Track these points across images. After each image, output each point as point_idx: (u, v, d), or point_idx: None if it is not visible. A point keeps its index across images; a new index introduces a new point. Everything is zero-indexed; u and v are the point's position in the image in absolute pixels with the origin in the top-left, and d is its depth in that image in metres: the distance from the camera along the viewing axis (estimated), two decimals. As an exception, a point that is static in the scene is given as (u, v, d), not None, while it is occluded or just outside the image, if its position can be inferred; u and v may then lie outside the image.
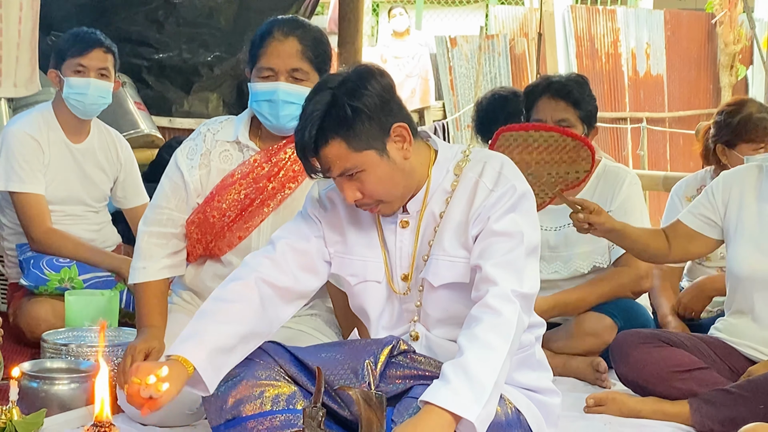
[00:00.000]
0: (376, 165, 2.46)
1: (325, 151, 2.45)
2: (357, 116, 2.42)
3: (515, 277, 2.41)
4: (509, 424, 2.48)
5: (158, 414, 2.92)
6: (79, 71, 4.03)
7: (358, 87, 2.45)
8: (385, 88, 2.48)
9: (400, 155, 2.49)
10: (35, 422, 2.52)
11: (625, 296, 3.83)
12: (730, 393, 3.10)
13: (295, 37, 3.05)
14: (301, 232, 2.65)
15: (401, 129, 2.49)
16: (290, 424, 2.43)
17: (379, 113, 2.45)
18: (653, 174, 7.31)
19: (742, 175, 3.45)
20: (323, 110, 2.44)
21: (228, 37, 6.67)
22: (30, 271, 3.97)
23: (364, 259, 2.63)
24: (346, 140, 2.43)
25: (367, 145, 2.44)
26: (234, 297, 2.54)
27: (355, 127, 2.42)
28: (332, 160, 2.45)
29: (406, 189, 2.54)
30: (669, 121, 12.16)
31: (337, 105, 2.43)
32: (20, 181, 4.01)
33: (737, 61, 12.71)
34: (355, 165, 2.45)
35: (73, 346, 3.27)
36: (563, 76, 3.94)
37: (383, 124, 2.46)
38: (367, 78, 2.47)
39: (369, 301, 2.65)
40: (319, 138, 2.44)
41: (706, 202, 3.45)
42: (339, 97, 2.43)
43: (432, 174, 2.57)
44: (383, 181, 2.48)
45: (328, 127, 2.43)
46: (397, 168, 2.49)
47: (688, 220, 3.47)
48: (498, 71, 11.32)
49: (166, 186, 3.19)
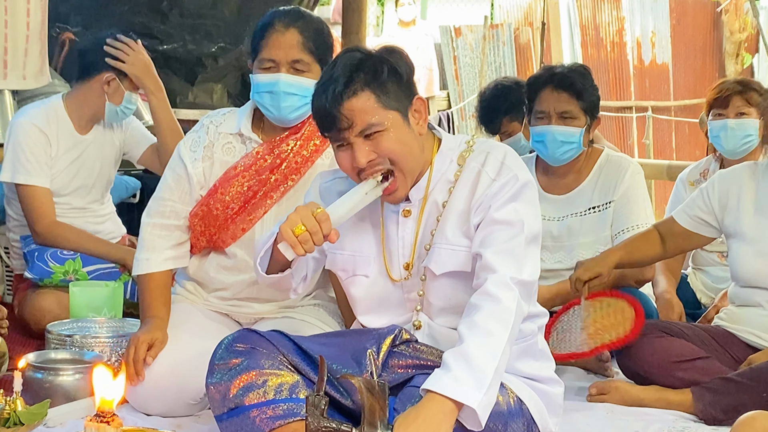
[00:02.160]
0: (398, 127, 2.48)
1: (352, 103, 2.44)
2: (391, 75, 2.47)
3: (515, 265, 2.42)
4: (511, 414, 2.48)
5: (162, 403, 2.95)
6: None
7: (393, 54, 2.52)
8: (410, 66, 2.55)
9: (417, 128, 2.53)
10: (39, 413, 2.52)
11: (628, 285, 3.83)
12: (732, 381, 3.11)
13: (296, 29, 3.05)
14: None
15: (420, 103, 2.55)
16: (293, 413, 2.43)
17: (408, 81, 2.51)
18: (657, 163, 7.30)
19: (737, 175, 3.45)
20: (355, 64, 2.46)
21: (232, 28, 6.67)
22: (34, 263, 3.98)
23: (354, 254, 2.65)
24: (376, 94, 2.45)
25: (394, 105, 2.47)
26: None
27: (387, 84, 2.46)
28: (357, 113, 2.44)
29: (418, 164, 2.55)
30: (674, 110, 12.13)
31: (371, 61, 2.47)
32: (26, 173, 4.02)
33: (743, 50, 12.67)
34: (380, 122, 2.46)
35: (78, 337, 3.28)
36: (565, 67, 3.93)
37: (408, 92, 2.51)
38: (401, 54, 2.54)
39: (359, 293, 2.67)
40: (348, 88, 2.44)
41: (701, 203, 3.45)
42: (375, 56, 2.49)
43: (435, 162, 2.59)
44: (402, 143, 2.49)
45: (359, 78, 2.45)
46: (415, 138, 2.52)
47: (684, 221, 3.47)
48: (503, 61, 11.31)
49: (169, 178, 3.20)
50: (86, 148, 4.18)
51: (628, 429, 3.03)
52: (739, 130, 4.14)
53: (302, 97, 3.04)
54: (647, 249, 3.49)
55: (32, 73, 4.95)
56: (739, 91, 4.13)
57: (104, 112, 4.09)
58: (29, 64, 4.88)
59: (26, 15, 4.82)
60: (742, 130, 4.14)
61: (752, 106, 4.13)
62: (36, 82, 5.01)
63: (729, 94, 4.15)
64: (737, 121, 4.14)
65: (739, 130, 4.14)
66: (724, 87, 4.18)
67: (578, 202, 3.92)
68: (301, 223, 2.40)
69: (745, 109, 4.14)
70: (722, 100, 4.17)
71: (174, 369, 2.97)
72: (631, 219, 3.80)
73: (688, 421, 3.13)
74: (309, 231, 2.40)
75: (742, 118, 4.15)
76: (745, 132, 4.14)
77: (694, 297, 4.30)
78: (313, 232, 2.41)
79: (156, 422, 2.92)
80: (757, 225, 3.34)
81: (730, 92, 4.15)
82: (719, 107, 4.19)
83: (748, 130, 4.14)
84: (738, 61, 12.62)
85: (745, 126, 4.14)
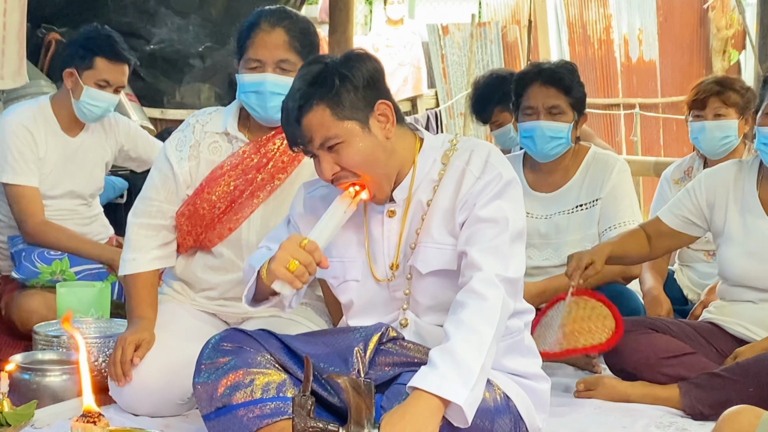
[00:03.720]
0: (357, 137, 2.48)
1: (309, 118, 2.46)
2: (343, 85, 2.46)
3: (500, 262, 2.42)
4: (498, 410, 2.49)
5: (150, 404, 2.95)
6: (102, 86, 4.03)
7: (349, 61, 2.50)
8: (376, 70, 2.53)
9: (381, 134, 2.52)
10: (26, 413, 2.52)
11: (615, 282, 3.84)
12: (719, 376, 3.12)
13: (282, 28, 3.05)
14: (278, 237, 2.66)
15: (385, 107, 2.53)
16: (280, 411, 2.44)
17: (366, 88, 2.50)
18: (644, 160, 7.32)
19: (723, 174, 3.46)
20: (311, 78, 2.47)
21: (219, 28, 6.67)
22: (21, 264, 3.97)
23: (343, 260, 2.66)
24: (330, 107, 2.46)
25: (350, 115, 2.47)
26: None
27: (341, 95, 2.46)
28: (315, 128, 2.46)
29: (388, 168, 2.55)
30: (662, 107, 12.14)
31: (325, 73, 2.47)
32: (13, 172, 4.00)
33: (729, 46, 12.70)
34: (337, 134, 2.47)
35: (65, 338, 3.27)
36: (553, 63, 3.95)
37: (368, 99, 2.50)
38: (360, 57, 2.52)
39: (352, 298, 2.67)
40: (304, 104, 2.46)
41: (688, 203, 3.46)
42: (329, 66, 2.49)
43: (418, 162, 2.59)
44: (363, 153, 2.49)
45: (313, 93, 2.46)
46: (379, 145, 2.51)
47: (670, 221, 3.48)
48: (490, 59, 11.30)
49: (155, 177, 3.20)
50: (75, 151, 4.16)
51: (615, 425, 3.04)
52: (717, 131, 4.13)
53: None
54: (636, 247, 3.49)
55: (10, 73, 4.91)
56: (717, 92, 4.11)
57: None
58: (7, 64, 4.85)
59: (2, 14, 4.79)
60: (721, 131, 4.12)
61: (730, 106, 4.11)
62: (13, 83, 4.98)
63: (706, 95, 4.13)
64: (715, 123, 4.12)
65: (718, 131, 4.13)
66: (701, 88, 4.16)
67: (565, 200, 3.93)
68: (293, 258, 2.40)
69: (722, 111, 4.12)
70: (699, 102, 4.15)
71: (161, 369, 2.97)
72: (618, 216, 3.81)
73: (675, 417, 3.13)
74: (303, 264, 2.41)
75: (719, 120, 4.12)
76: (724, 133, 4.12)
77: (681, 293, 4.31)
78: (307, 264, 2.42)
79: (144, 422, 2.91)
80: (743, 225, 3.35)
81: (707, 94, 4.12)
82: (697, 109, 4.17)
83: (726, 131, 4.12)
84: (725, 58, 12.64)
85: (723, 127, 4.12)
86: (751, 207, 3.35)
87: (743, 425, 2.33)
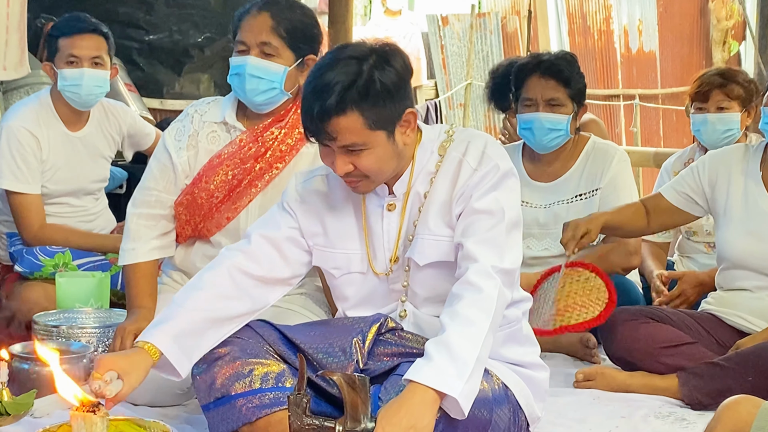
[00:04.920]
0: (380, 146, 2.44)
1: (339, 121, 2.39)
2: (383, 95, 2.40)
3: (496, 253, 2.41)
4: (496, 400, 2.49)
5: (149, 394, 2.95)
6: (72, 62, 3.95)
7: (385, 62, 2.42)
8: (406, 68, 2.48)
9: (401, 140, 2.49)
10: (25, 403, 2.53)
11: (615, 272, 3.84)
12: (718, 366, 3.12)
13: (267, 12, 3.05)
14: (275, 223, 2.64)
15: (411, 115, 2.49)
16: (279, 402, 2.44)
17: (398, 94, 2.43)
18: (644, 150, 7.32)
19: (728, 155, 3.46)
20: (350, 80, 2.38)
21: (218, 18, 6.65)
22: (24, 257, 3.95)
23: (347, 252, 2.63)
24: (364, 116, 2.39)
25: (381, 126, 2.42)
26: (203, 285, 2.55)
27: (378, 105, 2.40)
28: (342, 132, 2.40)
29: (393, 171, 2.54)
30: (662, 98, 12.14)
31: (364, 77, 2.39)
32: (15, 180, 3.96)
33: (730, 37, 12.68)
34: (365, 142, 2.42)
35: (64, 328, 3.27)
36: (552, 54, 3.94)
37: (399, 107, 2.45)
38: (393, 55, 2.45)
39: (352, 290, 2.66)
40: (338, 106, 2.38)
41: (690, 180, 3.46)
42: (368, 70, 2.39)
43: (417, 155, 2.57)
44: (381, 161, 2.46)
45: (350, 98, 2.38)
46: (397, 152, 2.49)
47: (671, 197, 3.48)
48: (490, 49, 11.30)
49: (154, 167, 3.20)
50: (78, 147, 4.13)
51: (614, 414, 3.04)
52: (719, 124, 4.10)
53: (268, 81, 3.04)
54: (633, 219, 3.49)
55: (12, 63, 4.91)
56: (720, 84, 4.07)
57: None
58: (9, 54, 4.84)
59: (6, 5, 4.79)
60: (723, 124, 4.10)
61: (733, 99, 4.08)
62: (16, 73, 4.97)
63: (709, 88, 4.10)
64: (718, 116, 4.10)
65: (720, 124, 4.10)
66: (704, 80, 4.12)
67: (565, 190, 3.93)
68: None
69: (725, 104, 4.09)
70: (702, 94, 4.12)
71: (160, 359, 2.97)
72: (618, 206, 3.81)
73: (674, 406, 3.14)
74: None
75: (722, 113, 4.09)
76: (726, 126, 4.10)
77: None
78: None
79: (143, 412, 2.91)
80: (745, 204, 3.35)
81: (711, 86, 4.09)
82: (700, 101, 4.14)
83: (728, 124, 4.10)
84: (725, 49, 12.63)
85: (725, 120, 4.10)
86: (753, 186, 3.36)
87: (742, 415, 2.33)
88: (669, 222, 3.58)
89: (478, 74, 10.79)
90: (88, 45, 3.98)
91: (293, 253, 2.64)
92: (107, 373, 2.33)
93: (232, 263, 2.58)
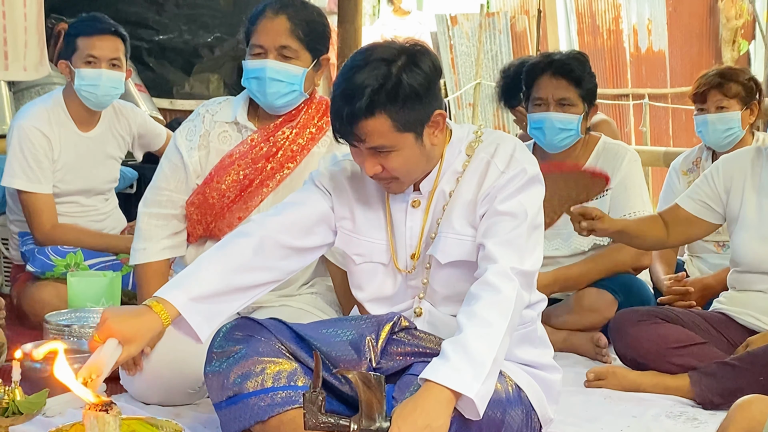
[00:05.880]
0: (408, 147, 2.45)
1: (368, 123, 2.39)
2: (412, 97, 2.40)
3: (516, 255, 2.41)
4: (510, 401, 2.49)
5: (161, 393, 2.96)
6: (90, 62, 3.98)
7: (414, 64, 2.42)
8: (436, 69, 2.47)
9: (429, 141, 2.49)
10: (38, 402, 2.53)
11: (626, 272, 3.84)
12: (729, 365, 3.12)
13: (284, 15, 3.05)
14: (308, 198, 2.64)
15: (440, 117, 2.48)
16: (291, 400, 2.44)
17: (428, 97, 2.44)
18: (654, 150, 7.31)
19: (741, 160, 3.45)
20: (378, 83, 2.38)
21: (228, 18, 6.67)
22: (36, 257, 3.97)
23: (371, 240, 2.63)
24: (392, 119, 2.39)
25: (409, 128, 2.42)
26: (230, 251, 2.54)
27: (406, 108, 2.40)
28: (371, 134, 2.41)
29: (423, 172, 2.55)
30: (671, 97, 12.12)
31: (393, 80, 2.39)
32: (27, 180, 3.99)
33: (739, 36, 12.66)
34: (393, 144, 2.42)
35: (76, 327, 3.28)
36: (563, 54, 3.94)
37: (428, 109, 2.45)
38: (422, 56, 2.45)
39: (371, 281, 2.66)
40: (365, 108, 2.38)
41: (706, 188, 3.45)
42: (397, 73, 2.39)
43: (446, 154, 2.57)
44: (409, 162, 2.47)
45: (379, 101, 2.38)
46: (425, 153, 2.49)
47: (689, 206, 3.47)
48: (499, 49, 11.29)
49: (165, 167, 3.20)
50: (89, 147, 4.15)
51: (625, 414, 3.04)
52: (719, 123, 4.10)
53: (288, 84, 3.05)
54: (651, 228, 3.46)
55: (32, 64, 4.94)
56: (717, 84, 4.07)
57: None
58: (29, 55, 4.87)
59: (23, 6, 4.81)
60: (723, 123, 4.10)
61: (731, 98, 4.08)
62: (36, 73, 4.99)
63: (706, 89, 4.11)
64: (717, 116, 4.10)
65: (720, 123, 4.10)
66: (702, 82, 4.13)
67: (575, 190, 3.92)
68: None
69: (724, 103, 4.09)
70: (700, 95, 4.13)
71: (172, 358, 2.97)
72: (629, 206, 3.81)
73: (685, 406, 3.13)
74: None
75: (722, 112, 4.10)
76: (726, 125, 4.10)
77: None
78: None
79: (155, 411, 2.92)
80: (759, 209, 3.35)
81: (708, 87, 4.10)
82: (699, 102, 4.15)
83: (729, 123, 4.10)
84: (734, 48, 12.61)
85: (725, 119, 4.10)
86: (766, 192, 3.34)
87: (754, 414, 2.33)
88: (688, 233, 3.52)
89: (487, 74, 10.79)
90: (107, 46, 4.01)
91: (322, 228, 2.64)
92: (107, 342, 2.30)
93: (264, 232, 2.56)
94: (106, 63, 4.00)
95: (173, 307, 2.42)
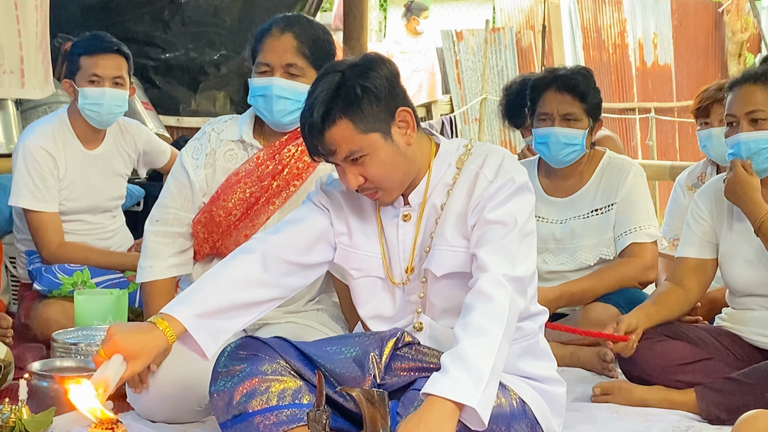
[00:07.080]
0: (380, 148, 2.49)
1: (332, 132, 2.46)
2: (365, 97, 2.45)
3: (507, 262, 2.43)
4: (514, 415, 2.50)
5: (167, 410, 2.96)
6: (94, 81, 4.01)
7: (367, 69, 2.48)
8: (392, 74, 2.52)
9: (403, 141, 2.52)
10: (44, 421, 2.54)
11: (632, 286, 3.83)
12: (735, 381, 3.11)
13: (291, 33, 3.07)
14: (307, 217, 2.67)
15: (406, 114, 2.52)
16: (296, 418, 2.44)
17: (387, 96, 2.49)
18: (660, 164, 7.32)
19: (711, 189, 3.44)
20: (332, 91, 2.46)
21: (234, 36, 6.69)
22: (42, 275, 3.98)
23: (368, 255, 2.66)
24: (353, 121, 2.45)
25: (373, 127, 2.47)
26: (233, 268, 2.58)
27: (363, 108, 2.45)
28: (338, 142, 2.46)
29: (406, 176, 2.57)
30: (677, 111, 12.13)
31: (345, 85, 2.46)
32: (33, 198, 4.00)
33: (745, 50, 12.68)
34: (361, 147, 2.47)
35: (83, 345, 3.29)
36: (568, 69, 3.94)
37: (389, 107, 2.49)
38: (376, 62, 2.51)
39: (370, 297, 2.68)
40: (326, 118, 2.45)
41: (697, 227, 3.41)
42: (348, 77, 2.46)
43: (433, 166, 2.60)
44: (386, 165, 2.50)
45: (335, 107, 2.45)
46: (400, 153, 2.52)
47: (692, 253, 3.43)
48: (505, 64, 11.30)
49: (172, 185, 3.21)
50: (95, 165, 4.16)
51: (632, 429, 3.03)
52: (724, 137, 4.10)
53: (295, 102, 3.06)
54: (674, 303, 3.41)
55: (39, 83, 4.95)
56: (720, 98, 4.04)
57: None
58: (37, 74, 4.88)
59: (35, 24, 4.82)
60: None
61: None
62: (42, 93, 5.00)
63: (709, 103, 4.09)
64: (721, 129, 4.07)
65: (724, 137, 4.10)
66: (704, 96, 4.12)
67: (581, 205, 3.93)
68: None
69: None
70: (703, 110, 4.12)
71: (178, 376, 2.97)
72: (634, 220, 3.82)
73: (692, 421, 3.13)
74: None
75: None
76: None
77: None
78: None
79: (161, 429, 2.92)
80: (738, 233, 3.33)
81: (710, 101, 4.08)
82: (702, 117, 4.14)
83: None
84: (740, 62, 12.62)
85: None
86: (739, 215, 3.32)
87: (760, 429, 2.33)
88: (702, 279, 3.45)
89: (493, 89, 10.80)
90: (110, 65, 4.03)
91: (322, 247, 2.67)
92: (113, 357, 2.33)
93: (266, 248, 2.60)
94: (109, 81, 4.02)
95: (179, 324, 2.44)
